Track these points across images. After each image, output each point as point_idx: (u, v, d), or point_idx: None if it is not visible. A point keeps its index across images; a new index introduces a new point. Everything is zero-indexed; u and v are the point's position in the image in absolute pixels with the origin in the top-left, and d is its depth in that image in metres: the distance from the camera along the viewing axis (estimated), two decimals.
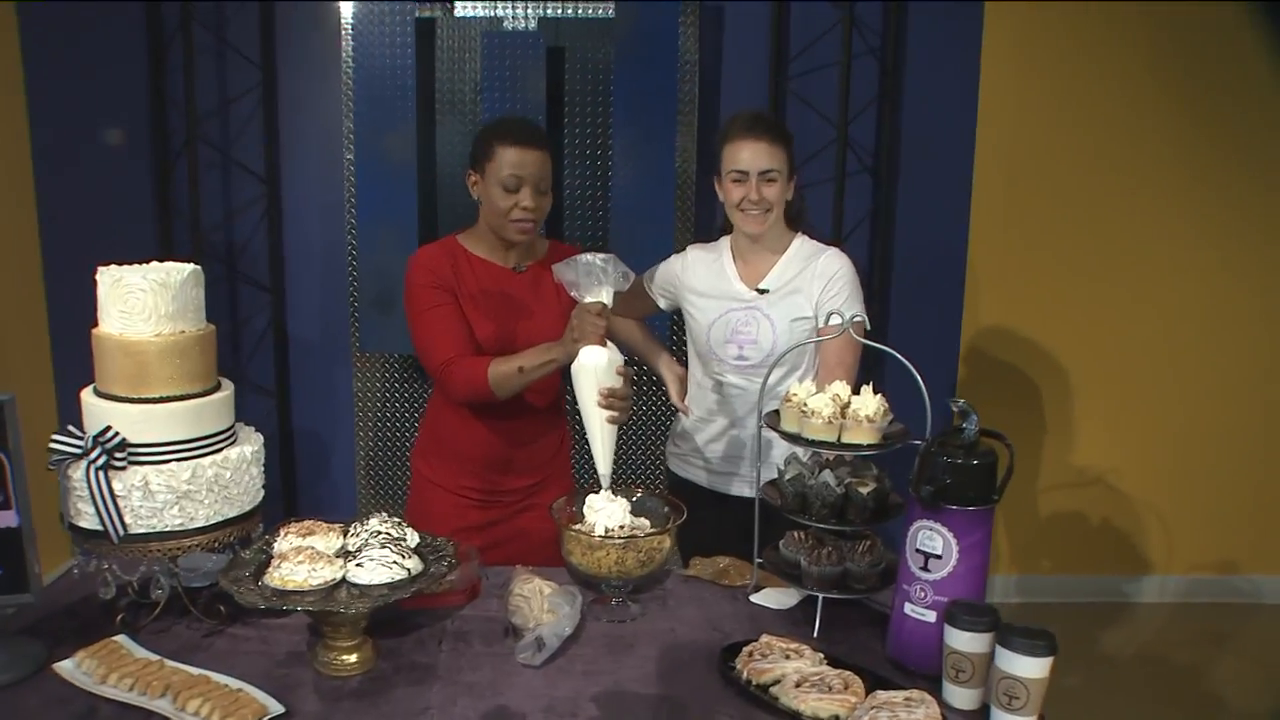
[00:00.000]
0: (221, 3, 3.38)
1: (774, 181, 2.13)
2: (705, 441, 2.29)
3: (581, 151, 3.38)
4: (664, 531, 1.81)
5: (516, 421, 2.15)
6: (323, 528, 1.69)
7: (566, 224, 3.42)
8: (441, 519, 2.13)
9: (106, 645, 1.60)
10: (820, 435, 1.75)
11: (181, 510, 1.66)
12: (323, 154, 3.49)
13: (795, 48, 3.46)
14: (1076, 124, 3.55)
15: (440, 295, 2.05)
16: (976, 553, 1.61)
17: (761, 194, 2.13)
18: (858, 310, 2.16)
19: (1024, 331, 3.72)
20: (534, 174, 2.01)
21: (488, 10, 3.31)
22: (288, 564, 1.56)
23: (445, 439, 2.18)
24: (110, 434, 1.63)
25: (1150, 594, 3.92)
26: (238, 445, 1.77)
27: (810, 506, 1.77)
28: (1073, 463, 3.82)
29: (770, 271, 2.23)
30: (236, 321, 3.60)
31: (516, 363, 1.98)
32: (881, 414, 1.76)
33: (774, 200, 2.14)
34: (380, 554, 1.58)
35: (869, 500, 1.76)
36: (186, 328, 1.71)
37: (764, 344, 2.17)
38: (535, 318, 2.06)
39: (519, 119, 2.11)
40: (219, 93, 3.43)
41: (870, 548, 1.82)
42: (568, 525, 1.83)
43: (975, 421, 1.67)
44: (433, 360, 2.05)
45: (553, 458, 2.25)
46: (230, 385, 1.81)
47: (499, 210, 2.03)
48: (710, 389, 2.27)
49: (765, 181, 2.13)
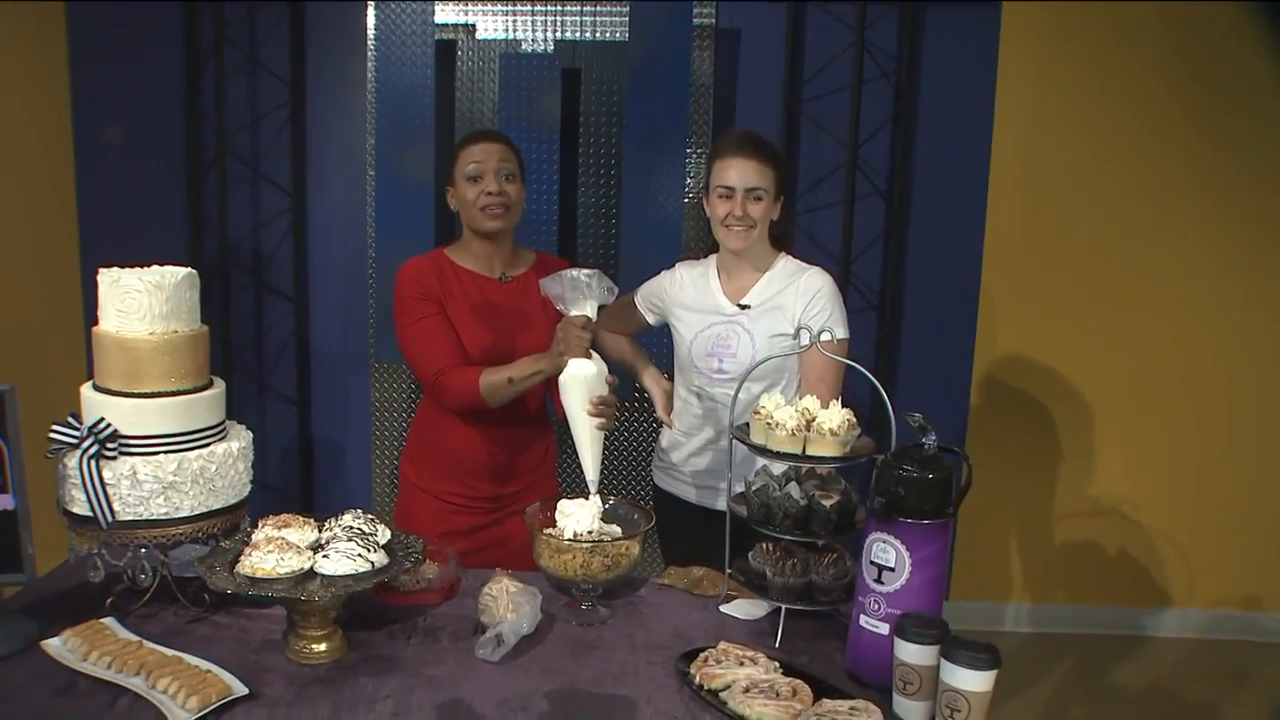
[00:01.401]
0: (254, 24, 3.52)
1: (759, 200, 2.18)
2: (688, 455, 2.33)
3: (594, 171, 3.44)
4: (630, 537, 1.85)
5: (503, 429, 2.22)
6: (298, 521, 1.76)
7: (580, 242, 3.48)
8: (427, 523, 2.19)
9: (92, 626, 1.69)
10: (784, 447, 1.78)
11: (167, 500, 1.75)
12: (346, 169, 3.61)
13: (809, 71, 3.50)
14: (1093, 147, 3.53)
15: (429, 306, 2.13)
16: (930, 566, 1.62)
17: (746, 210, 2.17)
18: (839, 329, 2.19)
19: (1039, 357, 3.69)
20: (494, 162, 2.14)
21: (506, 33, 3.40)
22: (258, 553, 1.63)
23: (432, 445, 2.25)
24: (103, 425, 1.72)
25: (1169, 628, 3.84)
26: (225, 441, 1.86)
27: (774, 518, 1.80)
28: (1088, 491, 3.76)
29: (753, 288, 2.26)
30: (261, 330, 3.72)
31: (506, 374, 2.05)
32: (846, 428, 1.78)
33: (758, 218, 2.18)
34: (346, 547, 1.65)
35: (832, 513, 1.78)
36: (180, 327, 1.80)
37: (743, 358, 2.20)
38: (523, 327, 2.14)
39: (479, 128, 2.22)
40: (250, 110, 3.57)
41: (835, 560, 1.84)
42: (539, 529, 1.89)
43: (933, 436, 1.68)
44: (426, 369, 2.13)
45: (538, 465, 2.31)
46: (221, 384, 1.89)
47: (469, 202, 2.14)
48: (693, 403, 2.31)
49: (751, 199, 2.17)
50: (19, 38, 3.33)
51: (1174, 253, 3.58)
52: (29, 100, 3.40)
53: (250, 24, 3.53)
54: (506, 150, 2.18)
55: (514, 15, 3.39)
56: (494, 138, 2.19)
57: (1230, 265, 3.58)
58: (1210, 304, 3.62)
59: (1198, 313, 3.62)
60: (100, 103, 3.57)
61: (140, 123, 3.57)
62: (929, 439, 1.68)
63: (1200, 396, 3.68)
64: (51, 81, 3.50)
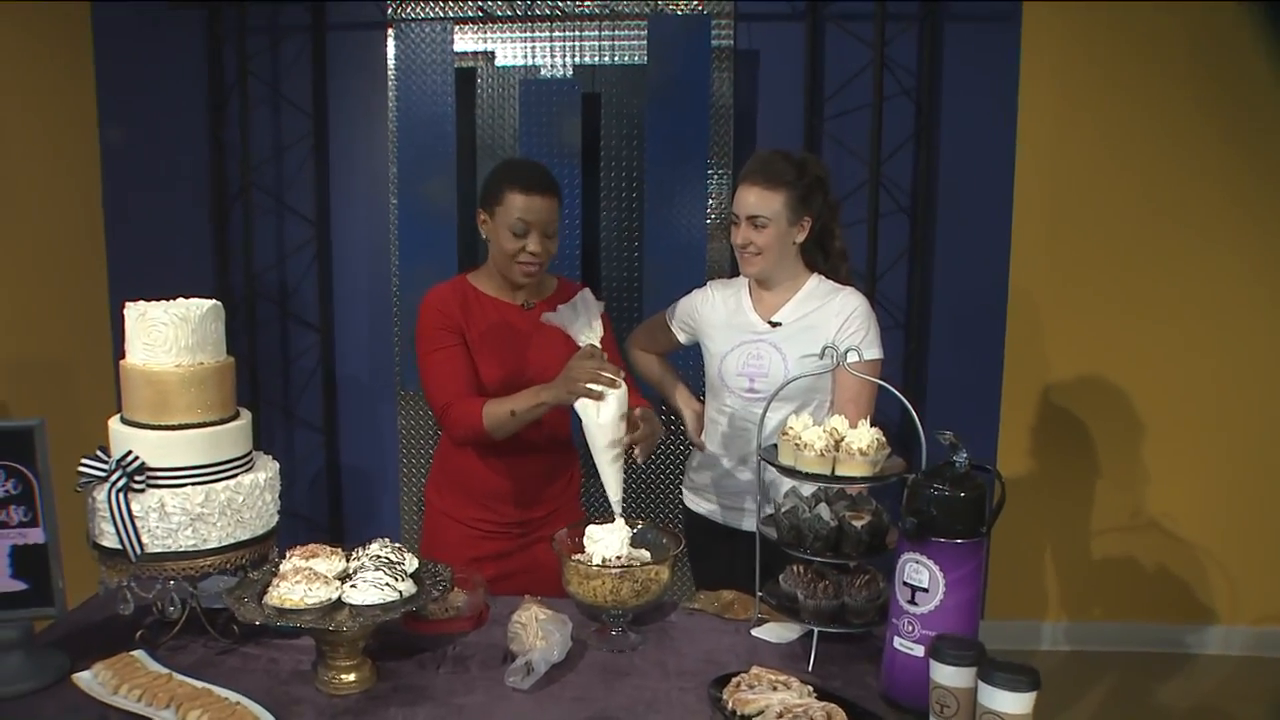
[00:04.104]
0: (276, 57, 3.57)
1: (763, 228, 2.16)
2: (718, 475, 2.31)
3: (616, 196, 3.44)
4: (660, 562, 1.84)
5: (526, 457, 2.21)
6: (325, 551, 1.76)
7: (603, 268, 3.48)
8: (454, 549, 2.18)
9: (122, 659, 1.69)
10: (813, 468, 1.76)
11: (195, 532, 1.75)
12: (369, 199, 3.64)
13: (829, 89, 3.49)
14: (1119, 160, 3.49)
15: (448, 336, 2.13)
16: (965, 587, 1.59)
17: (749, 238, 2.17)
18: (873, 349, 2.17)
19: (1070, 370, 3.64)
20: (541, 219, 2.09)
21: (526, 60, 3.42)
22: (286, 583, 1.63)
23: (456, 472, 2.24)
24: (131, 458, 1.73)
25: (1214, 645, 3.75)
26: (252, 472, 1.86)
27: (805, 540, 1.78)
28: (1125, 505, 3.70)
29: (785, 306, 2.25)
30: (288, 359, 3.74)
31: (509, 405, 2.03)
32: (875, 447, 1.76)
33: (763, 245, 2.17)
34: (374, 576, 1.64)
35: (863, 534, 1.76)
36: (205, 359, 1.81)
37: (774, 377, 2.18)
38: (543, 354, 2.13)
39: (529, 164, 2.20)
40: (273, 141, 3.61)
41: (868, 582, 1.81)
42: (568, 555, 1.87)
43: (965, 454, 1.65)
44: (435, 402, 2.13)
45: (563, 491, 2.30)
46: (247, 415, 1.90)
47: (506, 252, 2.11)
48: (722, 423, 2.29)
49: (753, 227, 2.17)
50: (47, 76, 3.40)
51: (1204, 262, 3.53)
52: (57, 138, 3.47)
53: (273, 56, 3.58)
54: (554, 206, 2.10)
55: (533, 41, 3.41)
56: (547, 191, 2.08)
57: (1263, 273, 3.52)
58: (1244, 312, 3.55)
59: (1231, 321, 3.56)
60: (127, 136, 3.62)
61: (166, 156, 3.62)
62: (960, 457, 1.65)
63: (1237, 405, 3.61)
64: (79, 118, 3.57)
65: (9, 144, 3.19)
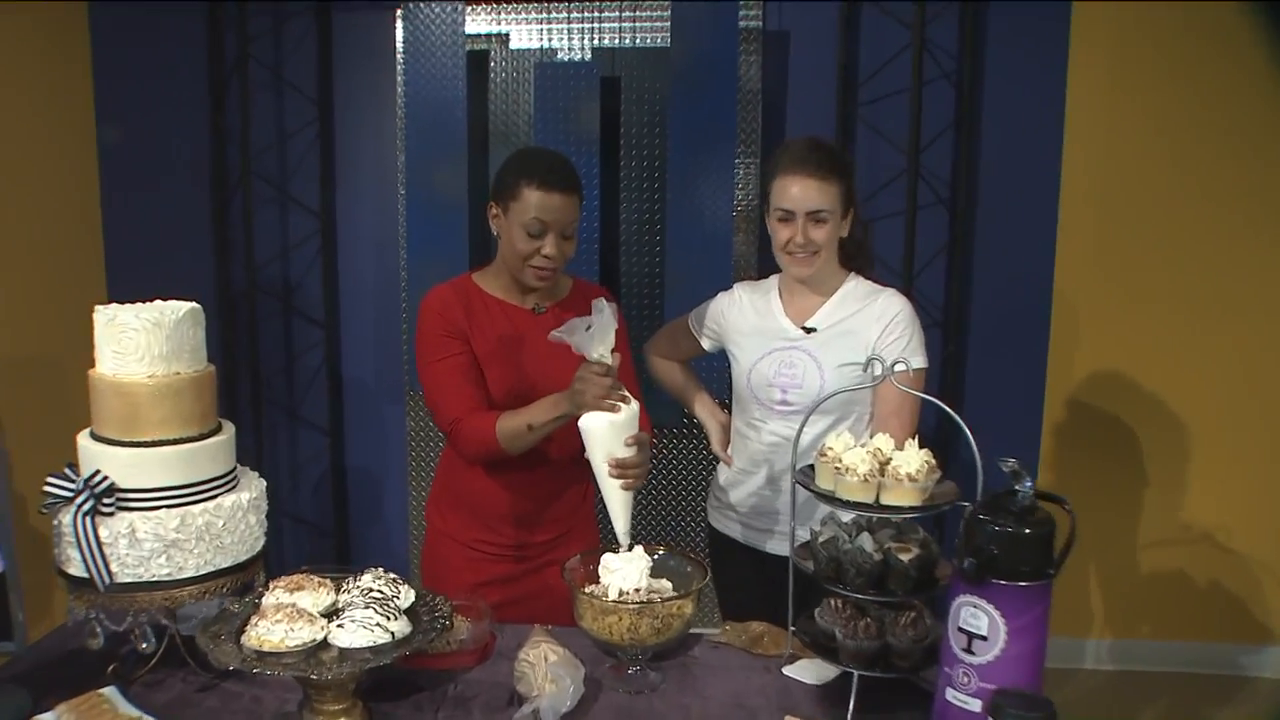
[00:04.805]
0: (279, 38, 3.40)
1: (824, 223, 1.97)
2: (745, 494, 2.13)
3: (637, 185, 3.28)
4: (684, 596, 1.66)
5: (535, 474, 2.02)
6: (313, 582, 1.59)
7: (623, 262, 3.32)
8: (457, 574, 2.02)
9: (90, 699, 1.53)
10: (855, 495, 1.57)
11: (169, 559, 1.59)
12: (377, 189, 3.48)
13: (865, 73, 3.30)
14: (1175, 152, 3.27)
15: (451, 344, 1.94)
16: (1029, 635, 1.40)
17: (809, 236, 1.97)
18: (919, 357, 1.98)
19: (1118, 375, 3.43)
20: (560, 220, 1.89)
21: (541, 42, 3.25)
22: (265, 622, 1.46)
23: (460, 491, 2.06)
24: (99, 478, 1.57)
25: (1271, 668, 3.52)
26: (234, 492, 1.69)
27: (845, 574, 1.59)
28: (1176, 519, 3.49)
29: (820, 310, 2.06)
30: (291, 357, 3.59)
31: (525, 419, 1.85)
32: (925, 472, 1.57)
33: (822, 243, 1.98)
34: (364, 615, 1.47)
35: (911, 569, 1.57)
36: (182, 369, 1.65)
37: (810, 388, 1.99)
38: (555, 363, 1.92)
39: (549, 156, 1.98)
40: (276, 128, 3.45)
41: (915, 620, 1.62)
42: (580, 586, 1.70)
43: (1029, 482, 1.46)
44: (442, 417, 1.95)
45: (575, 510, 2.11)
46: (230, 429, 1.74)
47: (519, 253, 1.92)
48: (751, 437, 2.10)
49: (813, 223, 1.97)
50: (41, 61, 3.25)
51: (1261, 262, 3.30)
52: (51, 126, 3.32)
53: (276, 37, 3.41)
54: (574, 204, 1.90)
55: (549, 22, 3.24)
56: (568, 188, 1.88)
57: None
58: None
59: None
60: (124, 124, 3.47)
61: (164, 144, 3.47)
62: (1025, 486, 1.46)
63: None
64: (74, 106, 3.42)
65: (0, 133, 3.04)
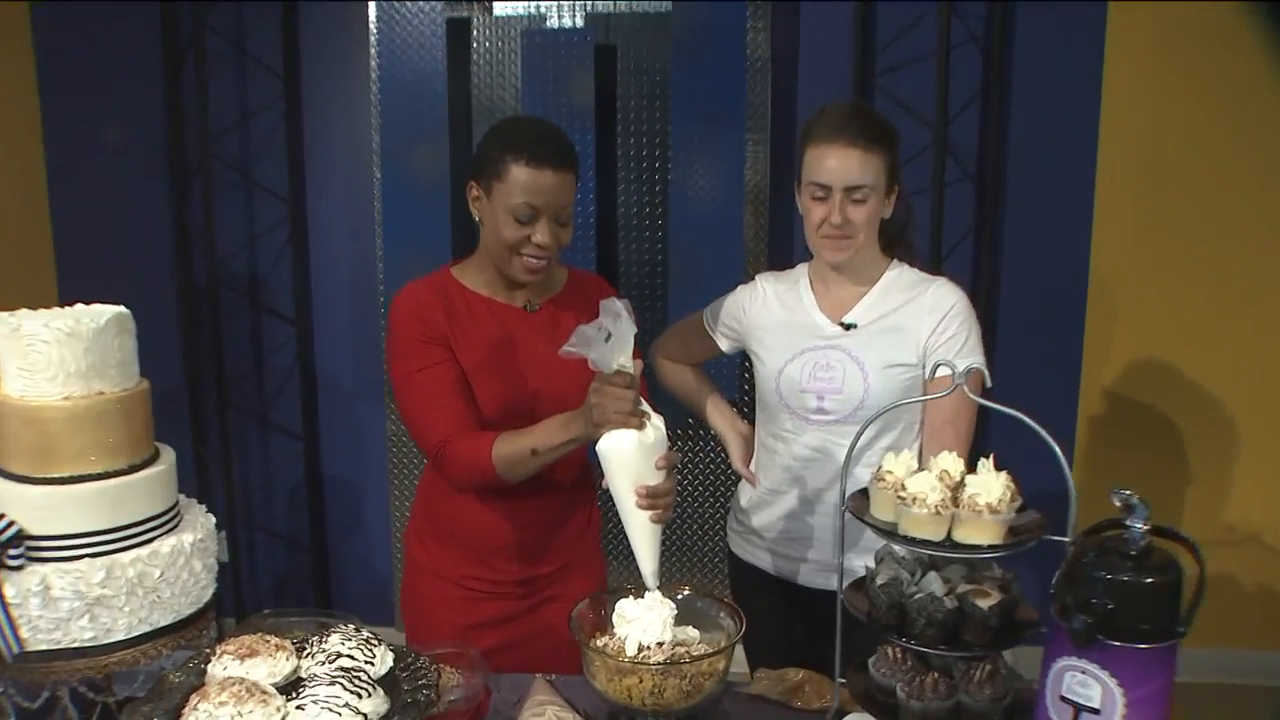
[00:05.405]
0: (240, 3, 3.10)
1: (864, 201, 1.70)
2: (773, 518, 1.85)
3: (636, 164, 3.03)
4: (718, 653, 1.38)
5: (532, 501, 1.73)
6: (270, 645, 1.31)
7: (622, 249, 3.08)
8: (443, 615, 1.75)
9: None
10: (924, 532, 1.30)
11: (94, 620, 1.31)
12: (349, 172, 3.19)
13: (884, 38, 3.02)
14: (1221, 127, 2.99)
15: (432, 352, 1.65)
16: (1152, 708, 1.15)
17: (847, 216, 1.69)
18: (977, 358, 1.71)
19: (1159, 363, 3.17)
20: (553, 202, 1.60)
21: (529, 7, 2.97)
22: (207, 705, 1.17)
23: (446, 521, 1.77)
24: (4, 524, 1.28)
25: None
26: (175, 534, 1.41)
27: (912, 624, 1.32)
28: (1220, 519, 3.24)
29: (860, 303, 1.78)
30: (260, 357, 3.30)
31: (529, 443, 1.57)
32: (1007, 501, 1.30)
33: (861, 224, 1.70)
34: (328, 693, 1.19)
35: (992, 617, 1.30)
36: (106, 388, 1.36)
37: (851, 394, 1.72)
38: (557, 370, 1.62)
39: (538, 126, 1.68)
40: (238, 107, 3.15)
41: (991, 675, 1.36)
42: (590, 638, 1.42)
43: (1145, 514, 1.20)
44: (426, 440, 1.65)
45: (578, 538, 1.82)
46: (170, 456, 1.45)
47: (505, 242, 1.62)
48: (781, 452, 1.82)
49: (852, 201, 1.69)
50: None
51: None
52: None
53: (236, 6, 3.11)
54: (570, 184, 1.63)
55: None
56: (562, 164, 1.61)
57: None
58: None
59: None
60: (71, 106, 3.18)
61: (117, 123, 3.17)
62: (1138, 521, 1.19)
63: None
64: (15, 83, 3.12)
65: None
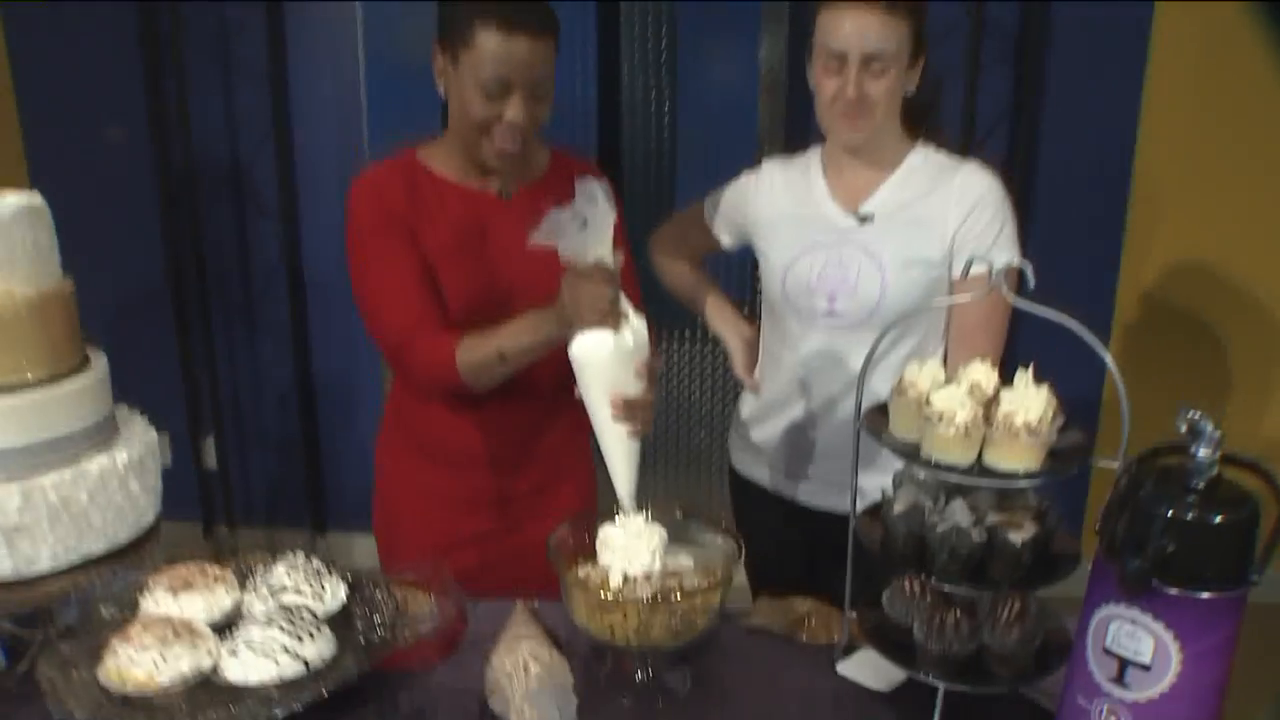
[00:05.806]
0: None
1: (883, 73, 1.49)
2: (776, 430, 1.70)
3: (641, 41, 2.88)
4: (712, 588, 1.24)
5: (509, 407, 1.58)
6: (210, 575, 1.18)
7: (625, 137, 2.93)
8: (417, 534, 1.63)
9: None
10: (951, 454, 1.14)
11: (13, 550, 1.17)
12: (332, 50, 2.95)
13: None
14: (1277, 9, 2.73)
15: (392, 241, 1.48)
16: (1211, 664, 1.00)
17: (863, 89, 1.48)
18: (1012, 253, 1.52)
19: (1206, 270, 2.98)
20: (528, 74, 1.41)
21: None
22: (131, 647, 1.05)
23: (417, 428, 1.63)
24: None
25: None
26: (105, 451, 1.26)
27: (933, 558, 1.17)
28: (1260, 431, 3.09)
29: (877, 190, 1.59)
30: (246, 253, 3.14)
31: (495, 344, 1.41)
32: (1048, 419, 1.13)
33: (880, 98, 1.50)
34: (265, 637, 1.05)
35: (1025, 552, 1.15)
36: (19, 287, 1.21)
37: (866, 295, 1.55)
38: (531, 264, 1.44)
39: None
40: None
41: (1019, 614, 1.21)
42: (570, 566, 1.28)
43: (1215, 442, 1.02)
44: (384, 334, 1.49)
45: (564, 446, 1.67)
46: (101, 362, 1.30)
47: (473, 119, 1.43)
48: (785, 358, 1.66)
49: (870, 72, 1.48)
50: None
51: None
52: None
53: None
54: (548, 51, 1.44)
55: None
56: (537, 28, 1.41)
57: None
58: None
59: None
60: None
61: None
62: (1204, 448, 1.02)
63: None
64: None
65: None
